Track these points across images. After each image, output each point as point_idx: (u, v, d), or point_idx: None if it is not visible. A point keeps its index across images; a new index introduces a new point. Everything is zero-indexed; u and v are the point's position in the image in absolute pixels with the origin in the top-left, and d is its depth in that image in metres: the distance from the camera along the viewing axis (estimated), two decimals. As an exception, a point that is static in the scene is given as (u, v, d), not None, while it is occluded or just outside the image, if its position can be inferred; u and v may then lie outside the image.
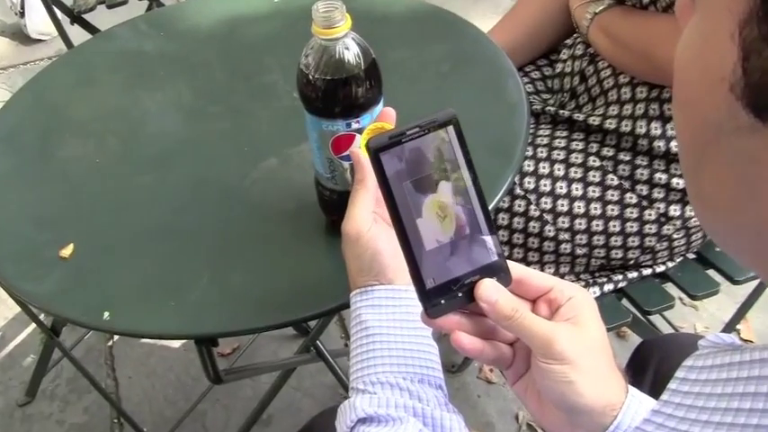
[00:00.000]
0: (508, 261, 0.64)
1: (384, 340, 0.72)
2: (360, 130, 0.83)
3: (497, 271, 0.63)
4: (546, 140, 1.26)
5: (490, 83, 1.17)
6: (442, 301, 0.62)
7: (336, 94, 0.80)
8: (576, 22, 1.29)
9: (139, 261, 0.95)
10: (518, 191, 1.23)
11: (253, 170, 1.06)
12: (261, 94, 1.23)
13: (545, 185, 1.22)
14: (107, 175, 1.10)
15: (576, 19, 1.28)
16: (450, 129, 0.61)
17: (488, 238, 0.63)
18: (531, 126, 1.33)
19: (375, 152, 0.60)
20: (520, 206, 1.23)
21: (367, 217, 0.75)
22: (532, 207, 1.22)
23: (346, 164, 0.86)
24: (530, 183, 1.23)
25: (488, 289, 0.62)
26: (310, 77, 0.80)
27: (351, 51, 0.79)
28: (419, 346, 0.72)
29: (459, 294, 0.62)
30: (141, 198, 1.05)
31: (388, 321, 0.73)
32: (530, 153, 1.25)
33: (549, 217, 1.22)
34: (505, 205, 1.24)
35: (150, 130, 1.19)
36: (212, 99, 1.24)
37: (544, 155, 1.24)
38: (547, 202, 1.22)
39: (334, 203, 0.91)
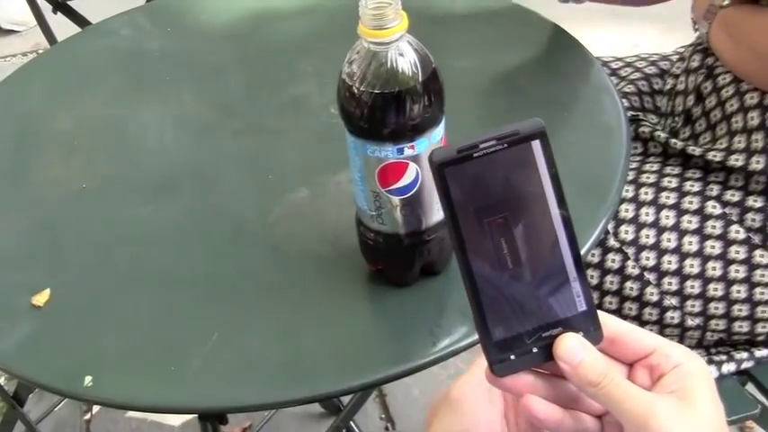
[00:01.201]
0: (600, 313, 0.64)
1: None
2: (415, 158, 0.83)
3: (584, 324, 0.63)
4: (653, 178, 1.26)
5: (580, 101, 1.18)
6: (512, 357, 0.62)
7: (387, 112, 0.81)
8: (696, 21, 1.29)
9: (132, 314, 0.96)
10: (612, 242, 1.23)
11: (277, 204, 1.08)
12: (290, 108, 1.25)
13: (647, 237, 1.21)
14: (94, 205, 1.12)
15: (696, 16, 1.29)
16: (536, 144, 0.61)
17: (576, 283, 0.63)
18: (637, 157, 1.33)
19: (439, 167, 0.60)
20: (614, 262, 1.23)
21: (483, 385, 0.72)
22: (630, 263, 1.22)
23: (396, 199, 0.87)
24: (627, 232, 1.22)
25: (571, 346, 0.62)
26: (355, 90, 0.81)
27: (406, 58, 0.80)
28: None
29: (534, 350, 0.62)
30: (136, 235, 1.07)
31: None
32: (629, 194, 1.25)
33: (651, 277, 1.21)
34: (595, 260, 1.24)
35: (150, 149, 1.22)
36: (229, 113, 1.26)
37: (649, 197, 1.24)
38: (649, 258, 1.21)
39: (380, 249, 0.92)
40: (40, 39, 2.49)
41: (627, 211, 1.24)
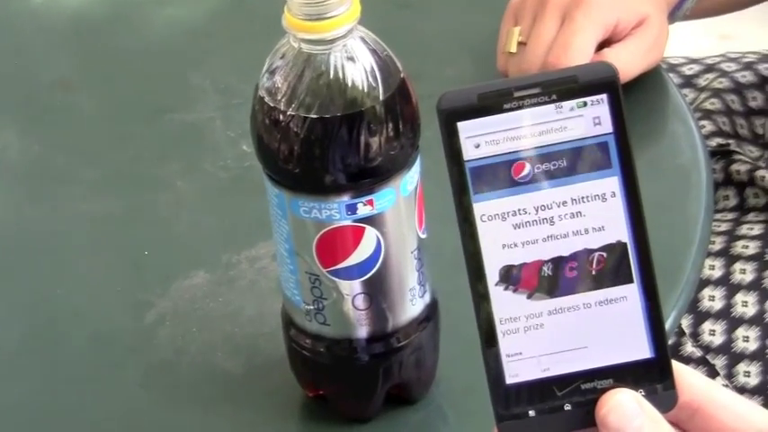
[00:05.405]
0: (678, 366, 0.64)
1: None
2: (374, 220, 0.83)
3: (649, 379, 0.63)
4: (755, 247, 1.27)
5: (633, 128, 1.18)
6: (531, 413, 0.63)
7: (330, 148, 0.81)
8: None
9: None
10: (690, 348, 1.24)
11: (161, 297, 1.07)
12: (177, 145, 1.26)
13: (746, 340, 1.23)
14: None
15: None
16: (604, 99, 0.63)
17: (642, 315, 0.63)
18: (728, 214, 1.35)
19: (449, 118, 0.62)
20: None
21: None
22: (720, 381, 1.21)
23: (346, 284, 0.87)
24: (714, 333, 1.23)
25: (623, 407, 0.62)
26: (279, 114, 0.81)
27: (359, 65, 0.81)
28: None
29: (567, 407, 0.63)
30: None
31: None
32: (717, 272, 1.26)
33: (758, 402, 1.20)
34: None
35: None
36: (79, 156, 1.26)
37: (748, 277, 1.25)
38: (750, 374, 1.22)
39: (322, 364, 0.92)
40: None
41: (712, 299, 1.24)
